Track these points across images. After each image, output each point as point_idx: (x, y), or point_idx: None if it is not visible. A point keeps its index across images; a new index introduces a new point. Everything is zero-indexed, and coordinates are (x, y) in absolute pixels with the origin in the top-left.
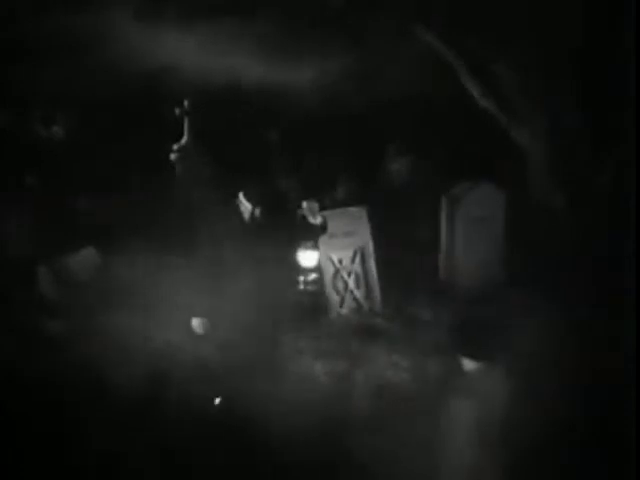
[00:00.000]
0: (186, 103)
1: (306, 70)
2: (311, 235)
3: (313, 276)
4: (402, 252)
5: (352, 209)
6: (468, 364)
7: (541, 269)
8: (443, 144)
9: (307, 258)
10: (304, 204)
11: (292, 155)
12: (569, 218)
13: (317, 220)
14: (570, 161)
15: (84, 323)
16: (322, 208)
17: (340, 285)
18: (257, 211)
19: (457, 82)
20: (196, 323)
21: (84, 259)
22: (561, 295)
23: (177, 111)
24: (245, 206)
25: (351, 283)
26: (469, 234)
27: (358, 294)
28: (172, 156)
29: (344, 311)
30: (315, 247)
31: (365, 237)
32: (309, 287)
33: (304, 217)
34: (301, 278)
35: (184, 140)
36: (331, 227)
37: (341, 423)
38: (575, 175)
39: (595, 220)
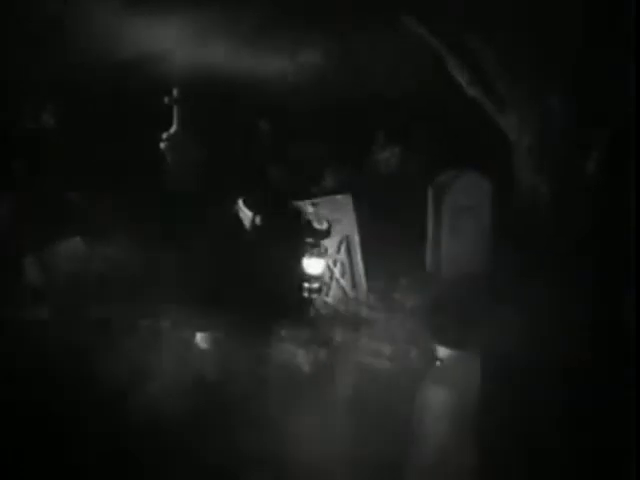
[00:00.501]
0: (175, 92)
1: (295, 60)
2: (317, 241)
3: (317, 285)
4: (389, 241)
5: (338, 197)
6: (441, 351)
7: (526, 258)
8: (431, 133)
9: (313, 265)
10: (309, 208)
11: (282, 144)
12: (554, 205)
13: (323, 225)
14: (556, 148)
15: (70, 311)
16: (310, 196)
17: (325, 274)
18: (258, 218)
19: (445, 71)
20: (200, 338)
21: (70, 249)
22: (545, 283)
23: (166, 100)
24: (245, 213)
25: (336, 272)
26: (455, 223)
27: (343, 283)
28: (162, 145)
29: (329, 299)
30: (321, 254)
31: (351, 225)
32: (313, 295)
33: (309, 222)
34: (305, 285)
35: (173, 129)
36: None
37: (322, 410)
38: (561, 162)
39: (580, 206)
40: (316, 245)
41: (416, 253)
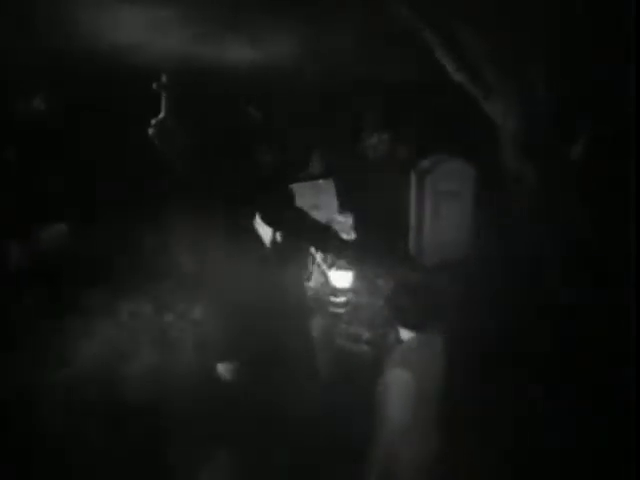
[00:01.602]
0: (164, 78)
1: (283, 46)
2: (345, 253)
3: (344, 298)
4: (372, 226)
5: (320, 182)
6: (404, 333)
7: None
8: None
9: (340, 279)
10: (337, 218)
11: (271, 129)
12: (539, 190)
13: (350, 235)
14: (541, 133)
15: (53, 295)
16: (296, 181)
17: (310, 260)
18: (278, 235)
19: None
20: (223, 368)
21: (54, 232)
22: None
23: (154, 86)
24: (264, 230)
25: (318, 256)
26: (438, 208)
27: (325, 267)
28: (150, 131)
29: (311, 284)
30: (349, 267)
31: (333, 210)
32: (339, 309)
33: (336, 233)
34: (332, 299)
35: (162, 115)
36: (298, 201)
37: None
38: (547, 147)
39: (565, 192)
40: (344, 257)
41: (400, 239)
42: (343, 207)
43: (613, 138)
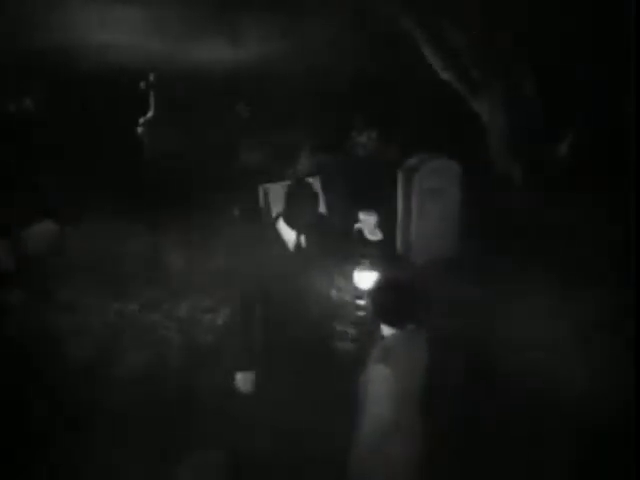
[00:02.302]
0: (152, 77)
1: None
2: (369, 253)
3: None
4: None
5: (307, 180)
6: (385, 329)
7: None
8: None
9: (365, 279)
10: (361, 216)
11: (259, 128)
12: (526, 187)
13: (376, 236)
14: (528, 131)
15: (41, 294)
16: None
17: None
18: (303, 239)
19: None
20: (242, 378)
21: (42, 232)
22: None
23: (142, 85)
24: (288, 233)
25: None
26: (424, 206)
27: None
28: (139, 129)
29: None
30: (374, 267)
31: (320, 207)
32: (363, 312)
33: (360, 232)
34: (357, 302)
35: (150, 113)
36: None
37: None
38: (533, 145)
39: (551, 189)
40: (368, 257)
41: (387, 236)
42: (366, 206)
43: (600, 136)
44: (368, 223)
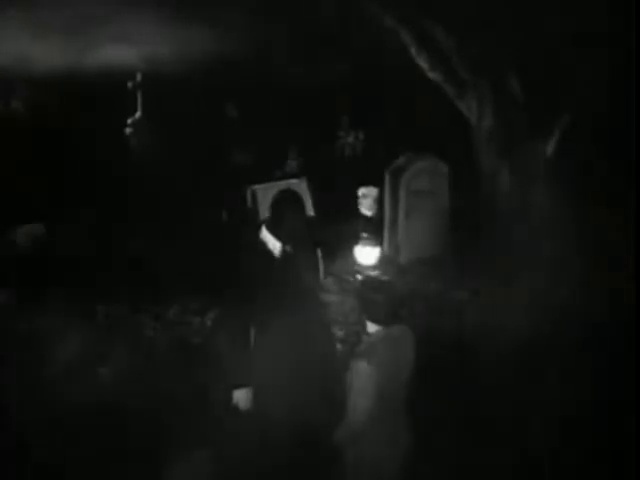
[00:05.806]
0: (139, 76)
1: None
2: (369, 229)
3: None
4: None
5: (293, 181)
6: (371, 326)
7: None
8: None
9: (366, 255)
10: (360, 191)
11: (247, 128)
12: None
13: (371, 211)
14: (516, 132)
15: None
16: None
17: None
18: (288, 247)
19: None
20: (241, 396)
21: (30, 233)
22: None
23: (130, 85)
24: (273, 243)
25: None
26: (412, 207)
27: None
28: (126, 130)
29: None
30: (375, 243)
31: (307, 208)
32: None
33: (358, 209)
34: (358, 277)
35: (138, 114)
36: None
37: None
38: (521, 146)
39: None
40: (368, 232)
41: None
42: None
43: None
44: (368, 198)
